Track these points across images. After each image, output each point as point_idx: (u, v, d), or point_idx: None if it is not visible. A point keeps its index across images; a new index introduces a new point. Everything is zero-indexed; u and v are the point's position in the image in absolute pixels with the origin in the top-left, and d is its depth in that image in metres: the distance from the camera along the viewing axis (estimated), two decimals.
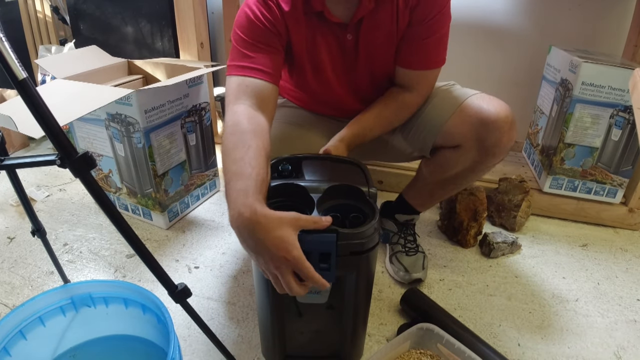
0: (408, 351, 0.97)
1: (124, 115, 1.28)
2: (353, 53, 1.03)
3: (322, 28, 0.99)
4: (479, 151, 1.03)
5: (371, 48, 1.02)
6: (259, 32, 0.94)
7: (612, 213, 1.52)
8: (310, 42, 1.01)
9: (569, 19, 1.70)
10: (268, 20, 0.94)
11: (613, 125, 1.39)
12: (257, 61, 0.93)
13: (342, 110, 1.16)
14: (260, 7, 0.94)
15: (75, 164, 0.54)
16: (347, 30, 0.99)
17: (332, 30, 0.99)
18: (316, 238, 0.72)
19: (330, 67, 1.05)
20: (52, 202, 1.61)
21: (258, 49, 0.94)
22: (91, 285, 0.88)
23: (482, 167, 1.08)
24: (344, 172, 0.92)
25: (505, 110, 1.00)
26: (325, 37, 1.00)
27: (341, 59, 1.04)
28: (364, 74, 1.07)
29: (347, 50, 1.02)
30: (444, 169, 1.11)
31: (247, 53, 0.94)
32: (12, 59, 0.48)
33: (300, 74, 1.10)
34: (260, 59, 0.93)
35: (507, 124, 0.99)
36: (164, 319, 0.77)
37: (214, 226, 1.49)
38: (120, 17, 1.98)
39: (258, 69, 0.93)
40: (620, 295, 1.24)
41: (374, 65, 1.05)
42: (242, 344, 1.04)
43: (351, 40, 1.00)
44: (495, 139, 1.00)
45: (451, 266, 1.33)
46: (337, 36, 1.00)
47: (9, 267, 1.28)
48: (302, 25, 0.98)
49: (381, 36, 1.00)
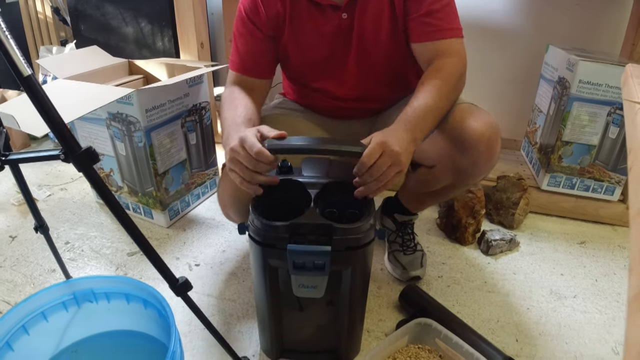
0: (406, 346, 0.98)
1: (125, 115, 1.29)
2: (347, 33, 1.01)
3: (311, 13, 1.00)
4: (454, 172, 0.98)
5: (366, 26, 1.00)
6: (250, 27, 1.02)
7: (610, 210, 1.53)
8: (299, 28, 1.02)
9: (566, 18, 1.71)
10: (256, 16, 1.01)
11: (610, 123, 1.40)
12: (247, 59, 1.05)
13: (333, 102, 1.14)
14: (249, 3, 1.02)
15: (78, 159, 0.55)
16: (342, 10, 0.99)
17: (324, 13, 1.00)
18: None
19: (316, 53, 1.05)
20: (53, 201, 1.62)
21: (251, 44, 1.04)
22: (93, 280, 0.89)
23: (464, 184, 1.05)
24: (343, 168, 0.93)
25: (483, 127, 0.92)
26: (315, 20, 1.01)
27: (335, 41, 1.03)
28: (356, 59, 1.05)
29: (343, 30, 1.01)
30: (425, 185, 1.09)
31: (241, 49, 1.05)
32: (18, 56, 0.49)
33: (289, 64, 1.11)
34: (250, 56, 1.05)
35: (484, 143, 0.92)
36: (165, 313, 0.78)
37: (215, 224, 1.50)
38: (121, 18, 1.99)
39: (250, 68, 1.05)
40: (619, 292, 1.25)
41: (368, 45, 1.03)
42: (243, 340, 1.05)
43: (347, 19, 0.99)
44: (471, 160, 0.94)
45: (450, 263, 1.34)
46: (330, 18, 1.00)
47: (11, 265, 1.29)
48: (289, 14, 1.00)
49: (377, 13, 0.99)
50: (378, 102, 1.16)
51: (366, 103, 1.14)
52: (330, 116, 1.19)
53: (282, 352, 0.99)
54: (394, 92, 1.14)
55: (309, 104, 1.20)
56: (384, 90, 1.12)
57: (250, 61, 1.05)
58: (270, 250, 0.80)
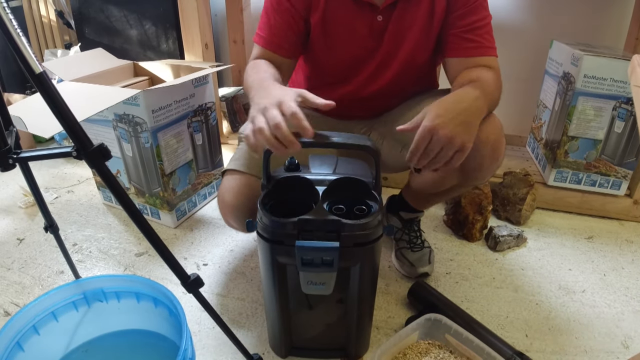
0: (416, 342, 0.98)
1: (132, 116, 1.29)
2: (380, 35, 1.01)
3: (347, 6, 0.99)
4: (459, 174, 0.98)
5: (401, 32, 1.00)
6: (285, 4, 1.00)
7: (617, 205, 1.53)
8: (332, 16, 1.00)
9: (570, 13, 1.71)
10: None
11: (616, 118, 1.40)
12: (277, 34, 1.02)
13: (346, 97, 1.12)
14: None
15: (91, 155, 0.55)
16: (378, 12, 0.98)
17: (361, 9, 0.99)
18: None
19: (344, 45, 1.04)
20: (60, 203, 1.63)
21: (281, 21, 1.01)
22: (103, 280, 0.90)
23: (470, 185, 1.04)
24: (351, 165, 0.93)
25: (488, 130, 0.90)
26: (349, 15, 0.99)
27: (364, 40, 1.02)
28: (387, 58, 1.04)
29: (375, 31, 1.01)
30: (430, 186, 1.09)
31: (271, 23, 1.02)
32: (29, 53, 0.50)
33: (312, 55, 1.10)
34: (281, 32, 1.02)
35: (489, 146, 0.91)
36: (176, 310, 0.78)
37: (222, 224, 1.50)
38: (125, 20, 2.00)
39: (277, 43, 1.02)
40: (627, 286, 1.24)
41: (396, 49, 1.02)
42: (252, 337, 1.05)
43: (381, 22, 0.99)
44: (477, 162, 0.93)
45: (457, 260, 1.33)
46: (365, 16, 0.99)
47: (19, 267, 1.30)
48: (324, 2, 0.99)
49: (414, 21, 0.98)
50: (387, 101, 1.15)
51: (377, 102, 1.14)
52: (334, 115, 1.18)
53: (290, 350, 0.99)
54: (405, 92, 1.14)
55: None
56: (398, 91, 1.12)
57: (279, 37, 1.02)
58: (278, 247, 0.80)
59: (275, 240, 0.80)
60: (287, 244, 0.78)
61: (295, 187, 0.88)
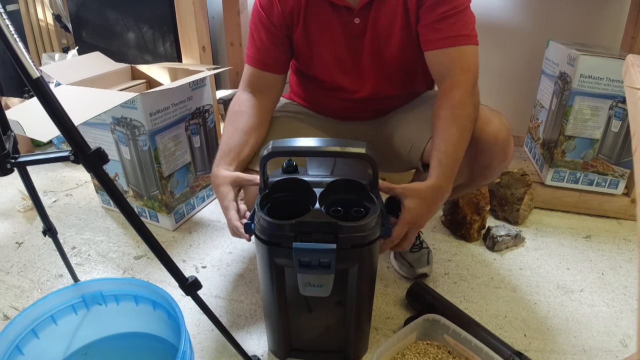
0: (415, 342, 0.98)
1: (130, 119, 1.30)
2: (359, 37, 1.01)
3: (326, 12, 0.99)
4: (468, 174, 0.98)
5: (382, 32, 0.99)
6: (265, 22, 1.03)
7: (615, 204, 1.53)
8: (312, 26, 1.01)
9: (566, 13, 1.72)
10: (270, 11, 1.01)
11: (612, 117, 1.40)
12: (264, 53, 1.05)
13: (345, 102, 1.13)
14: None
15: (88, 159, 0.55)
16: (354, 14, 0.98)
17: (339, 13, 0.99)
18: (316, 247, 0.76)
19: (329, 52, 1.04)
20: (59, 207, 1.63)
21: (266, 38, 1.04)
22: (102, 283, 0.90)
23: (477, 185, 1.05)
24: (348, 166, 0.93)
25: (497, 129, 0.91)
26: (328, 21, 1.00)
27: (345, 44, 1.02)
28: (369, 60, 1.04)
29: (353, 34, 1.01)
30: None
31: (257, 44, 1.05)
32: (26, 58, 0.50)
33: (300, 61, 1.11)
34: (267, 51, 1.05)
35: (498, 146, 0.92)
36: (175, 313, 0.79)
37: (220, 226, 1.50)
38: (122, 24, 2.00)
39: (264, 61, 1.06)
40: (625, 284, 1.25)
41: (381, 50, 1.02)
42: (251, 339, 1.05)
43: (359, 24, 0.99)
44: (486, 162, 0.94)
45: (456, 260, 1.34)
46: (343, 20, 1.00)
47: (18, 271, 1.30)
48: (303, 11, 1.00)
49: (392, 21, 0.98)
50: (387, 102, 1.15)
51: (376, 103, 1.14)
52: (337, 117, 1.19)
53: (289, 352, 0.99)
54: (402, 90, 1.14)
55: (318, 105, 1.20)
56: (395, 90, 1.12)
57: (266, 55, 1.05)
58: (276, 249, 0.80)
59: (273, 242, 0.80)
60: (285, 245, 0.78)
61: (293, 189, 0.88)
